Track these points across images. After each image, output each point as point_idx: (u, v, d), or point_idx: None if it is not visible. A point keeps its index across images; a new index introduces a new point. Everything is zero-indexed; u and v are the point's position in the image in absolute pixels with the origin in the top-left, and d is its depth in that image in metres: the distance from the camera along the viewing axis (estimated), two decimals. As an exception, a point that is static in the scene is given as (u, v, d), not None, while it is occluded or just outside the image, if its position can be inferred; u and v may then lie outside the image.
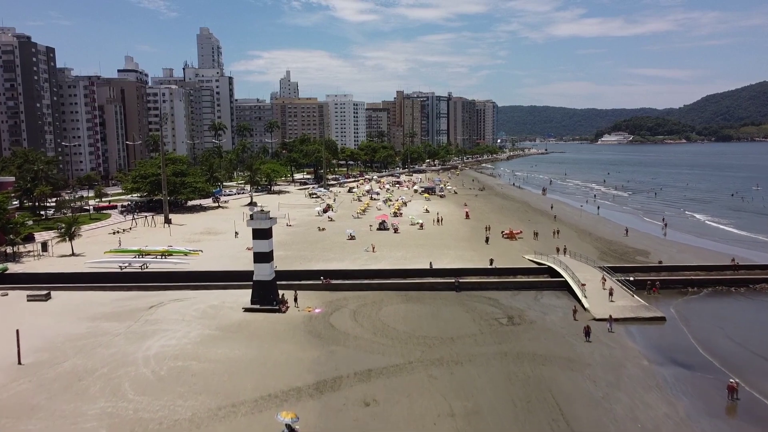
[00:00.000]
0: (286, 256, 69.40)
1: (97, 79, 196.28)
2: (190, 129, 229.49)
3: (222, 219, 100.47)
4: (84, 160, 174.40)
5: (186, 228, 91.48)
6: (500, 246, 76.85)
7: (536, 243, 78.66)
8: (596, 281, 54.84)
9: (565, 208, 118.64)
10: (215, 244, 77.09)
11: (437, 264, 64.24)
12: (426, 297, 53.92)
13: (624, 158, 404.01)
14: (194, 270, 61.27)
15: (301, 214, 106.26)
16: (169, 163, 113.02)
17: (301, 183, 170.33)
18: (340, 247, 75.25)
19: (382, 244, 77.02)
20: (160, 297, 52.98)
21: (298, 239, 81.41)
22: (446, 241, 79.64)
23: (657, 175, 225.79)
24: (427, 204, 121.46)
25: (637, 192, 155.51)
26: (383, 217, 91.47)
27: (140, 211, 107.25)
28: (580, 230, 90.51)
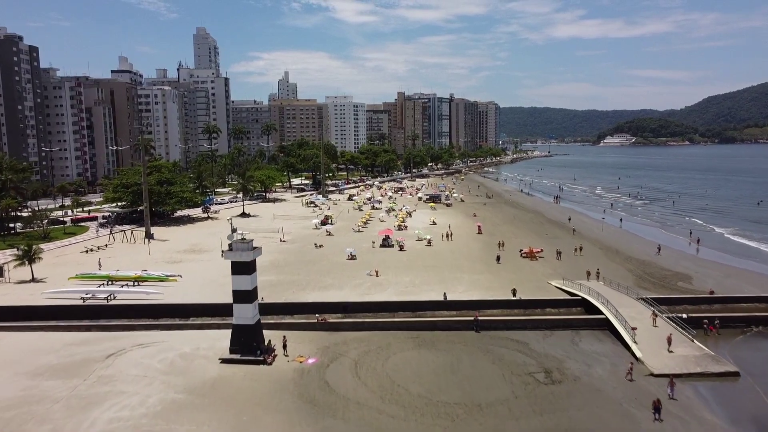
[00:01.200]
0: (277, 282, 60.57)
1: (85, 80, 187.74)
2: (184, 132, 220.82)
3: (210, 233, 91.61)
4: (70, 165, 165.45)
5: (169, 244, 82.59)
6: (519, 267, 68.02)
7: (560, 264, 69.88)
8: (644, 319, 46.02)
9: (583, 219, 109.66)
10: (198, 266, 68.20)
11: (451, 293, 55.47)
12: (441, 339, 45.06)
13: (630, 161, 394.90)
14: (167, 303, 52.38)
15: (296, 227, 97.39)
16: (153, 171, 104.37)
17: (298, 189, 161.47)
18: (339, 270, 66.40)
19: (387, 265, 68.18)
20: (123, 340, 44.10)
21: (292, 259, 72.53)
22: (458, 262, 70.77)
23: (670, 180, 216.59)
24: (433, 214, 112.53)
25: (654, 201, 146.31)
26: (387, 232, 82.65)
27: (122, 223, 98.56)
28: (605, 247, 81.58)
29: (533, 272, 65.51)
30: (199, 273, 64.36)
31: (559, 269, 66.89)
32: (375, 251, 77.26)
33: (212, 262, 70.22)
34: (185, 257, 73.70)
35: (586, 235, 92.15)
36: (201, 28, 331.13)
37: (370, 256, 73.86)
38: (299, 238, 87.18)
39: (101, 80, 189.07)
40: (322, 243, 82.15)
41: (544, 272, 65.44)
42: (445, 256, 73.76)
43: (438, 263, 69.61)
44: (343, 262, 70.19)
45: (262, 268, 66.96)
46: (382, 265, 68.20)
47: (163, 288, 57.34)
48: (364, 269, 65.70)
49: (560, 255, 72.71)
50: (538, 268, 67.77)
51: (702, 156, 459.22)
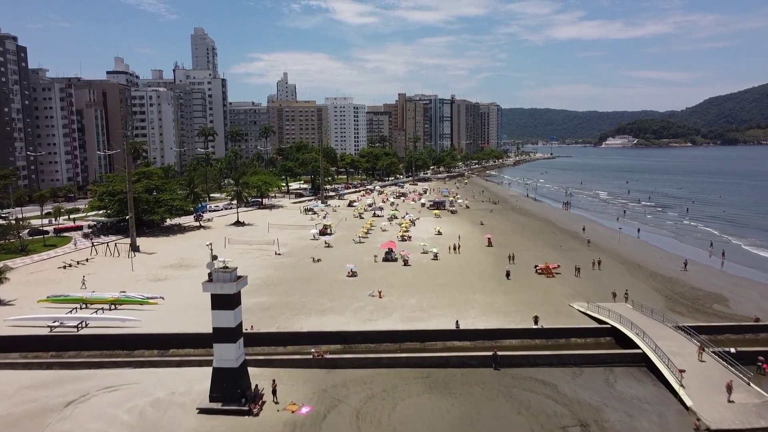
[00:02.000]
0: (270, 305, 54.62)
1: (77, 81, 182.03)
2: (180, 135, 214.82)
3: (201, 244, 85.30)
4: (60, 169, 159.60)
5: (155, 258, 76.63)
6: (535, 286, 62.08)
7: (579, 282, 63.99)
8: (687, 355, 40.08)
9: (596, 228, 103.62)
10: (183, 285, 62.20)
11: (464, 319, 49.60)
12: (455, 380, 39.13)
13: (635, 164, 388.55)
14: (144, 332, 46.42)
15: (293, 238, 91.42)
16: (142, 178, 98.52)
17: (296, 194, 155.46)
18: (338, 289, 60.44)
19: (390, 283, 62.26)
20: (89, 382, 38.19)
21: (287, 275, 66.56)
22: (469, 279, 64.81)
23: (679, 184, 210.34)
24: (437, 223, 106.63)
25: (667, 207, 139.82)
26: (390, 245, 76.66)
27: (108, 233, 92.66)
28: (625, 261, 75.61)
29: (551, 292, 59.55)
30: (184, 293, 58.36)
31: (579, 288, 61.03)
32: (377, 266, 71.32)
33: (199, 279, 63.62)
34: (171, 273, 67.72)
35: (603, 246, 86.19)
36: (199, 28, 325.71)
37: (372, 272, 67.94)
38: (296, 251, 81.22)
39: (93, 81, 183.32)
40: (321, 256, 76.21)
41: (563, 292, 59.50)
42: (454, 273, 67.79)
43: (446, 281, 63.65)
44: (342, 280, 64.26)
45: (253, 287, 61.12)
46: (385, 283, 62.33)
47: (142, 313, 51.37)
48: (365, 289, 59.78)
49: (579, 272, 66.70)
50: (556, 287, 61.81)
51: (707, 158, 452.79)
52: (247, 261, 74.25)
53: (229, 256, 76.86)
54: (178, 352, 44.60)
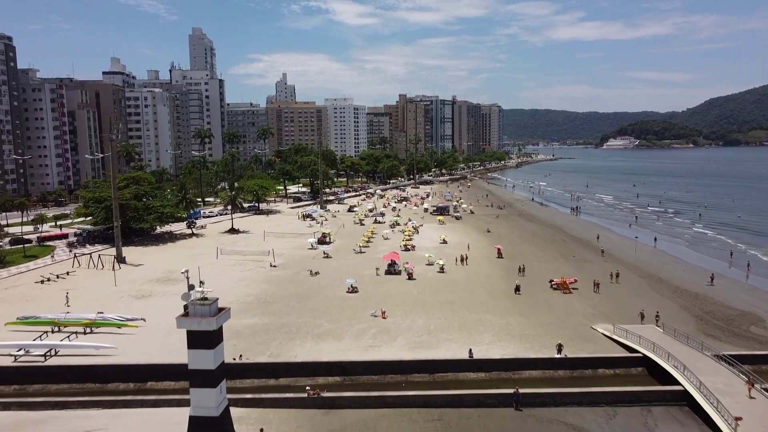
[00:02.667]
0: (262, 328, 49.53)
1: (69, 82, 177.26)
2: (176, 137, 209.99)
3: (192, 255, 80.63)
4: (50, 173, 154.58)
5: (141, 270, 71.54)
6: (552, 303, 57.01)
7: (599, 298, 58.97)
8: (735, 393, 35.00)
9: (610, 236, 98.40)
10: (169, 303, 57.05)
11: (477, 344, 44.60)
12: (471, 423, 34.13)
13: (640, 166, 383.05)
14: (119, 363, 41.34)
15: (290, 247, 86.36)
16: (131, 183, 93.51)
17: (295, 199, 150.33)
18: (337, 308, 55.35)
19: (394, 301, 57.22)
20: (49, 427, 33.13)
21: (283, 291, 61.46)
22: (479, 296, 59.72)
23: (688, 188, 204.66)
24: (442, 230, 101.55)
25: (679, 213, 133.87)
26: (393, 256, 71.53)
27: (94, 242, 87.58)
28: (646, 274, 70.51)
29: (570, 312, 54.46)
30: (169, 312, 53.04)
31: (600, 307, 55.98)
32: (379, 280, 66.25)
33: (187, 296, 59.07)
34: (156, 289, 62.60)
35: (619, 257, 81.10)
36: (197, 28, 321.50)
37: (374, 287, 62.89)
38: (292, 262, 76.12)
39: (86, 82, 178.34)
40: (319, 269, 71.09)
41: (583, 312, 54.43)
42: (463, 288, 62.69)
43: (455, 298, 58.56)
44: (342, 297, 59.18)
45: (245, 305, 56.13)
46: (388, 300, 57.31)
47: (120, 338, 46.36)
48: (367, 307, 54.72)
49: (598, 287, 61.61)
50: (574, 305, 56.72)
51: (711, 160, 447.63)
52: (240, 274, 69.25)
53: (220, 269, 72.17)
54: (156, 386, 39.62)
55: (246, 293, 60.54)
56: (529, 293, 60.53)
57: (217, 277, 67.36)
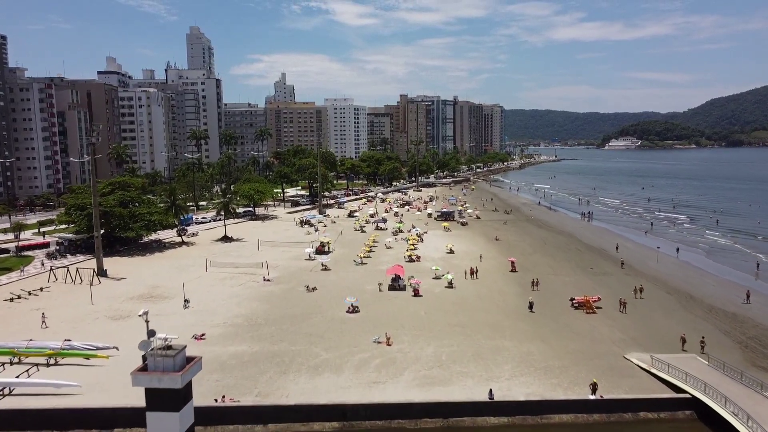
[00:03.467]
0: (251, 357, 43.62)
1: (60, 81, 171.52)
2: (171, 138, 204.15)
3: (179, 267, 74.79)
4: (39, 176, 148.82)
5: (123, 285, 65.63)
6: (575, 325, 51.17)
7: (627, 320, 53.12)
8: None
9: (627, 245, 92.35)
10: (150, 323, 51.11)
11: (496, 380, 38.83)
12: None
13: (645, 167, 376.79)
14: (81, 406, 35.36)
15: (286, 258, 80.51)
16: (117, 188, 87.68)
17: (292, 203, 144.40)
18: (336, 331, 49.48)
19: (399, 322, 51.39)
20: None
21: (276, 311, 55.54)
22: (494, 317, 53.81)
23: (700, 191, 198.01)
24: (448, 238, 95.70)
25: (695, 219, 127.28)
26: (396, 270, 65.60)
27: (76, 252, 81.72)
28: (673, 290, 64.67)
29: (598, 337, 48.58)
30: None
31: (630, 330, 50.12)
32: (382, 297, 60.39)
33: (170, 317, 53.34)
34: (137, 308, 56.33)
35: (640, 269, 75.27)
36: (195, 27, 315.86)
37: (376, 306, 57.03)
38: (288, 276, 70.23)
39: (77, 82, 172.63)
40: (316, 283, 65.23)
41: (612, 337, 48.55)
42: (475, 307, 56.79)
43: (467, 320, 52.67)
44: (341, 318, 53.30)
45: (234, 329, 50.14)
46: (393, 322, 51.51)
47: (87, 371, 40.53)
48: (369, 331, 48.90)
49: (625, 307, 55.72)
50: (601, 328, 50.82)
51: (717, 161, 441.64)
52: (231, 289, 63.39)
53: (209, 283, 66.24)
54: (123, 435, 33.72)
55: (235, 313, 54.70)
56: (548, 313, 54.73)
57: (204, 293, 61.61)
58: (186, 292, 59.23)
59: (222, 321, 52.26)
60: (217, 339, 47.54)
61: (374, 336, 47.40)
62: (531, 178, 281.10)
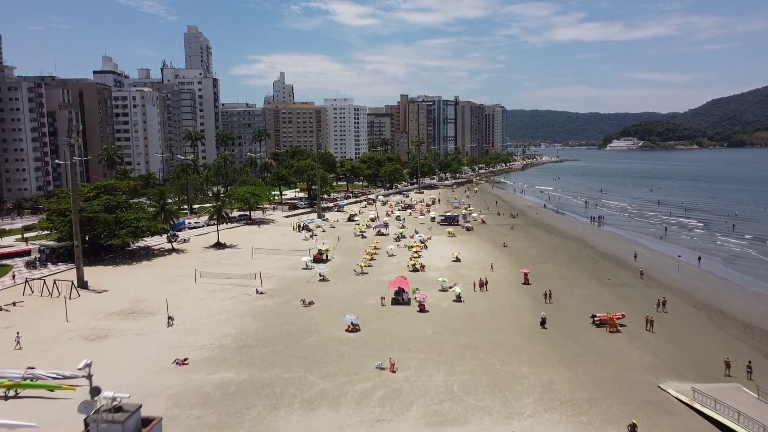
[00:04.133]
0: (237, 387, 38.54)
1: (51, 80, 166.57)
2: (167, 139, 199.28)
3: (167, 278, 69.74)
4: (28, 177, 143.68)
5: (104, 299, 60.55)
6: (599, 348, 46.15)
7: (655, 340, 48.10)
8: None
9: (644, 252, 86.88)
10: (126, 348, 46.17)
11: (517, 418, 33.93)
12: None
13: (650, 168, 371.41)
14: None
15: (281, 267, 75.46)
16: (102, 193, 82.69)
17: (290, 206, 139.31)
18: (335, 354, 44.45)
19: (404, 344, 46.39)
20: None
21: (267, 330, 50.47)
22: (508, 337, 48.73)
23: (710, 193, 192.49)
24: (453, 244, 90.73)
25: (709, 224, 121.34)
26: (400, 282, 60.51)
27: (57, 261, 76.61)
28: (701, 304, 59.66)
29: (625, 360, 43.56)
30: (123, 363, 42.35)
31: (661, 353, 45.10)
32: (385, 313, 55.34)
33: (151, 337, 48.31)
34: (116, 326, 51.59)
35: (661, 280, 70.23)
36: (192, 26, 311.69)
37: (378, 323, 52.00)
38: (283, 287, 65.20)
39: (69, 81, 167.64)
40: (313, 297, 60.16)
41: (641, 360, 43.52)
42: (487, 325, 51.73)
43: (479, 340, 47.61)
44: (340, 338, 48.24)
45: (221, 351, 44.92)
46: (397, 343, 46.53)
47: (50, 406, 35.48)
48: (371, 354, 43.94)
49: (652, 325, 50.67)
50: (628, 350, 45.77)
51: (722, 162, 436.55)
52: (220, 304, 58.33)
53: (197, 296, 61.10)
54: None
55: (223, 332, 49.64)
56: (566, 332, 49.72)
57: (191, 308, 56.58)
58: (171, 308, 54.23)
59: (208, 342, 47.22)
60: (201, 364, 42.51)
61: (377, 361, 42.35)
62: (534, 179, 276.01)
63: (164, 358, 43.27)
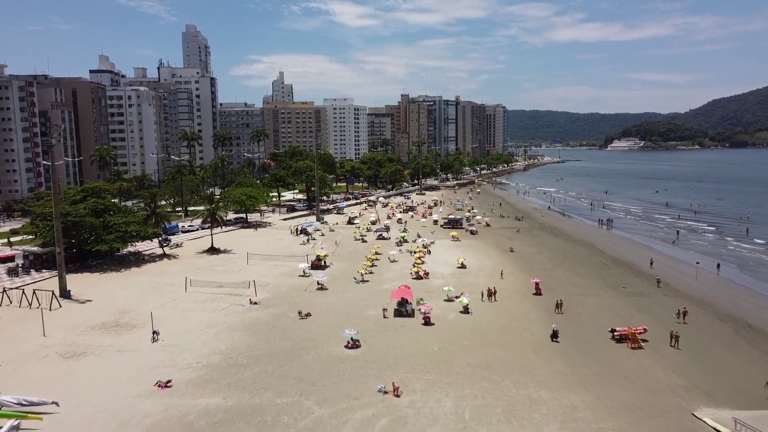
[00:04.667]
0: (224, 414, 34.67)
1: (44, 79, 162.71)
2: (163, 139, 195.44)
3: (157, 285, 65.84)
4: (19, 179, 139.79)
5: (86, 310, 56.63)
6: (621, 367, 42.31)
7: (682, 358, 44.26)
8: None
9: (659, 258, 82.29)
10: (106, 366, 42.29)
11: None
12: None
13: (653, 169, 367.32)
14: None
15: (277, 274, 71.57)
16: (89, 196, 78.86)
17: (288, 208, 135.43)
18: (333, 376, 40.58)
19: (410, 364, 42.53)
20: None
21: (260, 346, 46.55)
22: (522, 355, 44.82)
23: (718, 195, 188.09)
24: (458, 250, 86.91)
25: (721, 227, 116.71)
26: (403, 292, 56.57)
27: (41, 268, 72.68)
28: (726, 315, 55.81)
29: (652, 381, 39.70)
30: (100, 385, 38.45)
31: (689, 373, 41.26)
32: (387, 326, 51.43)
33: (131, 356, 44.39)
34: (97, 341, 47.69)
35: (679, 288, 66.35)
36: (191, 25, 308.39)
37: (380, 339, 48.11)
38: (279, 296, 61.32)
39: (62, 79, 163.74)
40: (310, 308, 56.25)
41: (669, 382, 39.67)
42: (498, 341, 47.82)
43: (490, 358, 43.71)
44: (339, 356, 44.36)
45: (209, 371, 40.45)
46: (401, 361, 42.70)
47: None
48: (372, 374, 40.11)
49: (678, 341, 46.77)
50: (653, 369, 41.91)
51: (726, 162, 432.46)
52: (210, 316, 54.39)
53: (186, 307, 56.95)
54: None
55: (212, 349, 45.74)
56: (584, 348, 45.90)
57: (179, 320, 52.68)
58: (157, 321, 50.44)
59: (195, 360, 43.34)
60: (186, 387, 38.62)
61: (379, 383, 38.48)
62: (537, 180, 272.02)
63: (146, 380, 39.41)
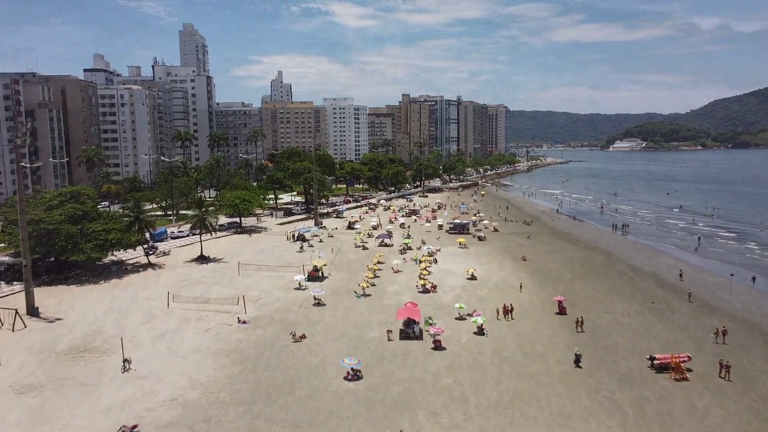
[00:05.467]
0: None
1: (32, 77, 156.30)
2: (157, 139, 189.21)
3: (137, 301, 59.58)
4: (4, 181, 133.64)
5: (53, 331, 50.34)
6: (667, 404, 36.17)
7: (735, 391, 38.07)
8: None
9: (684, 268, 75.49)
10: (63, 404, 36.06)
11: None
12: None
13: (659, 170, 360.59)
14: None
15: (271, 286, 65.32)
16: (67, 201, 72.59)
17: (285, 212, 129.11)
18: (331, 418, 34.41)
19: (419, 402, 36.37)
20: None
21: (246, 378, 40.29)
22: (549, 389, 38.60)
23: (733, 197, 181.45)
24: (467, 258, 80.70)
25: (741, 233, 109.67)
26: (410, 311, 50.26)
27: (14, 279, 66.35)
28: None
29: (713, 426, 33.50)
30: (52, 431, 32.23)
31: (754, 413, 35.05)
32: (393, 352, 45.18)
33: (96, 390, 38.12)
34: (59, 371, 41.40)
35: (714, 304, 60.16)
36: (188, 24, 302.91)
37: (384, 367, 41.91)
38: (271, 314, 55.05)
39: (51, 77, 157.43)
40: (306, 328, 50.06)
41: (731, 425, 33.42)
42: (521, 371, 41.48)
43: (513, 394, 37.47)
44: (337, 391, 38.12)
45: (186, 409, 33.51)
46: (409, 399, 36.57)
47: None
48: (376, 417, 33.96)
49: (729, 372, 40.50)
50: (709, 407, 35.70)
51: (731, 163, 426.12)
52: (192, 338, 48.11)
53: (166, 327, 49.97)
54: None
55: (191, 380, 39.51)
56: (621, 380, 39.68)
57: (156, 344, 46.45)
58: (132, 344, 44.46)
59: (170, 396, 37.13)
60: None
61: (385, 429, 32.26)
62: (542, 181, 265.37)
63: (108, 424, 33.24)
